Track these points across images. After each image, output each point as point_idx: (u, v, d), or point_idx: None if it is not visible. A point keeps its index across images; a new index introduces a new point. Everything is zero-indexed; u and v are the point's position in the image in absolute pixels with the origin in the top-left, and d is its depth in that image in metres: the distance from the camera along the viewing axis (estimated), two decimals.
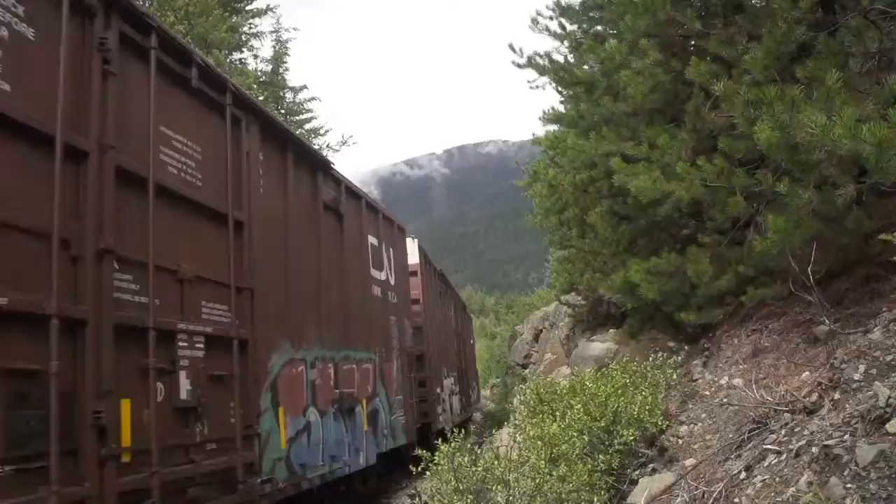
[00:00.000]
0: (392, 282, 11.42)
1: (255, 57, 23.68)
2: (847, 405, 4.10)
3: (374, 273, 10.44)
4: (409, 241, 14.30)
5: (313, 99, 24.60)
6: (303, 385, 7.11)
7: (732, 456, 4.73)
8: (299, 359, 7.09)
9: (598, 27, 9.83)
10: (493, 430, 16.83)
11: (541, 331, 28.72)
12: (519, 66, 10.28)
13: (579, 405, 6.22)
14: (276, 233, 6.93)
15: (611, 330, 13.18)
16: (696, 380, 7.45)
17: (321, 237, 8.06)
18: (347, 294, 8.82)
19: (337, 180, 9.05)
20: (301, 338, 7.17)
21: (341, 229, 8.90)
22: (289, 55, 23.71)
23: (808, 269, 5.45)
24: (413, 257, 14.43)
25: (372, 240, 10.43)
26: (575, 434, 5.72)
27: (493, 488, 5.05)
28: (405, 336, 11.89)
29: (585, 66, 9.53)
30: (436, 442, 5.77)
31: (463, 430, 6.37)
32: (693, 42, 7.94)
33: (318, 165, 8.34)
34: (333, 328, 8.16)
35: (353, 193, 9.84)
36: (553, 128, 14.10)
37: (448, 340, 18.76)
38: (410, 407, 11.70)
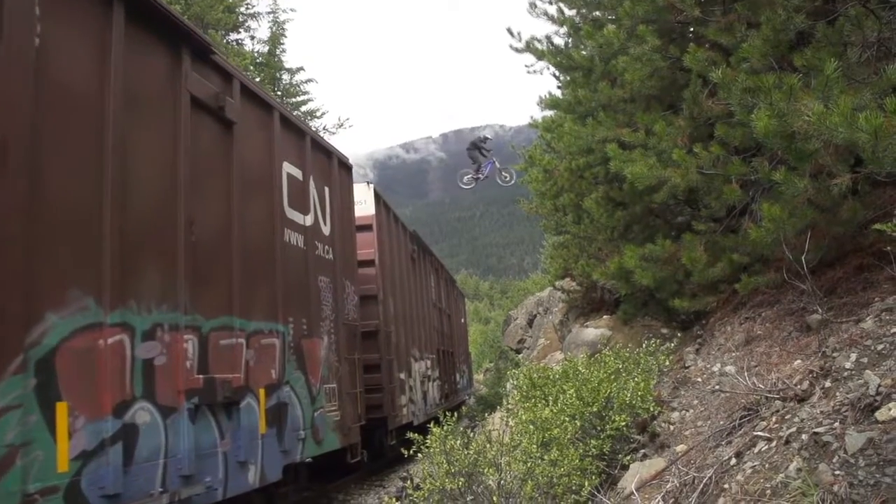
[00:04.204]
0: (326, 232, 8.87)
1: (252, 38, 23.50)
2: (837, 393, 4.13)
3: (293, 215, 7.88)
4: (362, 186, 11.93)
5: (310, 81, 24.46)
6: (123, 366, 4.76)
7: (723, 442, 4.76)
8: (115, 325, 4.68)
9: (597, 12, 9.77)
10: (486, 414, 16.90)
11: (535, 316, 28.82)
12: (517, 50, 10.24)
13: (572, 390, 6.24)
14: (75, 120, 4.61)
15: (604, 316, 13.23)
16: (689, 366, 7.49)
17: (182, 144, 5.71)
18: (236, 235, 6.45)
19: (225, 73, 6.64)
20: (124, 292, 4.81)
21: (230, 142, 6.58)
22: (286, 36, 23.54)
23: (802, 257, 5.47)
24: (366, 207, 11.78)
25: (291, 169, 7.94)
26: (567, 419, 5.74)
27: (485, 471, 5.08)
28: (345, 305, 9.33)
29: (584, 52, 9.49)
30: (391, 442, 5.24)
31: (455, 414, 6.10)
32: (692, 29, 7.91)
33: (181, 40, 5.82)
34: (205, 282, 5.86)
35: (258, 99, 7.31)
36: (550, 113, 14.08)
37: (423, 316, 15.95)
38: (351, 398, 9.11)
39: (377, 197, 12.32)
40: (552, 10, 10.24)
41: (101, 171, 4.77)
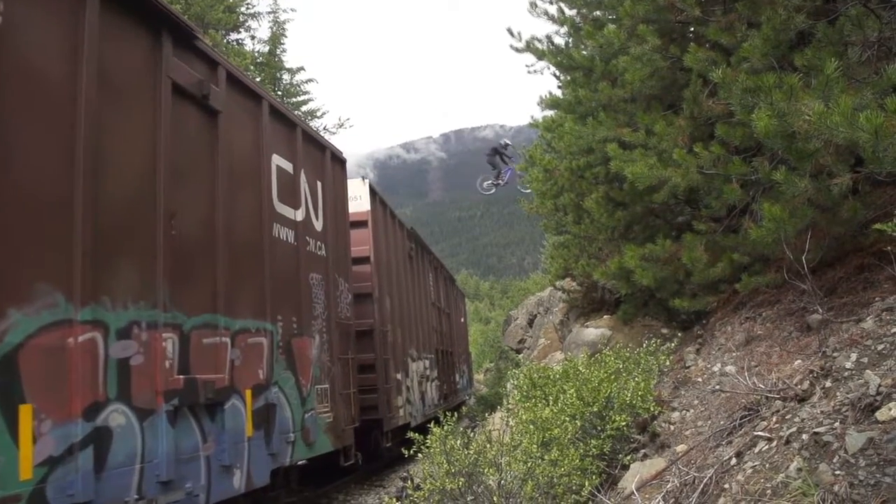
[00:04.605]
0: (318, 227, 8.61)
1: (253, 38, 23.52)
2: (838, 393, 4.13)
3: (282, 209, 7.60)
4: (357, 182, 11.66)
5: (310, 81, 24.46)
6: (95, 366, 4.46)
7: (723, 442, 4.76)
8: (86, 322, 4.40)
9: (597, 12, 9.78)
10: (486, 414, 16.89)
11: (535, 316, 28.81)
12: (517, 50, 10.23)
13: (572, 390, 6.24)
14: (44, 103, 4.33)
15: (605, 316, 13.23)
16: (689, 366, 7.48)
17: (163, 133, 5.42)
18: (221, 229, 6.18)
19: (210, 60, 6.39)
20: (97, 288, 4.54)
21: (214, 132, 6.32)
22: (286, 36, 23.57)
23: (803, 257, 5.47)
24: (361, 203, 11.51)
25: (280, 162, 7.68)
26: (567, 419, 5.74)
27: (485, 471, 5.07)
28: (339, 303, 9.09)
29: (584, 52, 9.50)
30: (387, 444, 5.17)
31: (455, 414, 6.01)
32: (692, 28, 7.91)
33: (161, 23, 5.56)
34: (187, 278, 5.60)
35: (245, 88, 7.10)
36: (550, 113, 14.08)
37: (421, 315, 15.65)
38: (345, 399, 8.85)
39: (373, 192, 11.99)
40: (552, 9, 10.25)
41: (72, 157, 4.47)
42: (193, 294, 5.68)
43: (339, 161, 9.83)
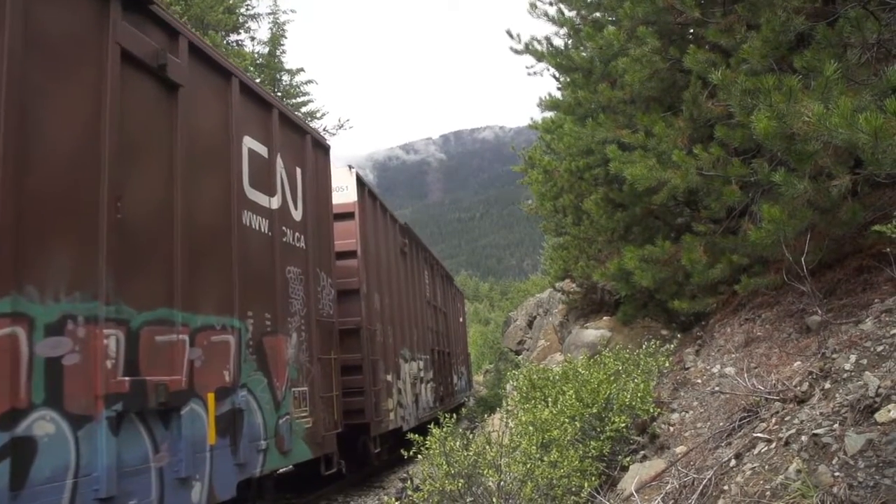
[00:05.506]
0: (297, 217, 7.98)
1: (253, 39, 23.58)
2: (837, 395, 4.13)
3: (255, 195, 6.96)
4: (343, 171, 10.93)
5: (310, 82, 24.50)
6: (16, 366, 3.85)
7: (723, 444, 4.76)
8: (4, 315, 3.81)
9: (597, 13, 9.79)
10: (486, 416, 16.87)
11: (535, 317, 28.83)
12: (517, 51, 10.24)
13: (571, 391, 6.23)
14: None
15: (604, 317, 13.26)
16: (689, 368, 7.48)
17: (108, 105, 4.76)
18: (180, 214, 5.55)
19: (169, 28, 5.76)
20: (19, 276, 3.94)
21: (174, 107, 5.69)
22: (286, 38, 23.61)
23: (802, 259, 5.47)
24: (348, 194, 10.75)
25: (253, 145, 7.05)
26: (567, 420, 5.74)
27: (485, 473, 5.07)
28: (320, 299, 8.47)
29: (584, 53, 9.51)
30: (376, 450, 4.95)
31: (454, 416, 5.90)
32: (691, 30, 7.92)
33: None
34: (137, 268, 4.99)
35: (211, 62, 6.48)
36: (550, 114, 14.09)
37: (415, 314, 14.92)
38: (326, 403, 8.19)
39: (360, 183, 11.19)
40: (552, 10, 10.26)
41: None
42: (145, 286, 5.06)
43: (321, 147, 9.12)
